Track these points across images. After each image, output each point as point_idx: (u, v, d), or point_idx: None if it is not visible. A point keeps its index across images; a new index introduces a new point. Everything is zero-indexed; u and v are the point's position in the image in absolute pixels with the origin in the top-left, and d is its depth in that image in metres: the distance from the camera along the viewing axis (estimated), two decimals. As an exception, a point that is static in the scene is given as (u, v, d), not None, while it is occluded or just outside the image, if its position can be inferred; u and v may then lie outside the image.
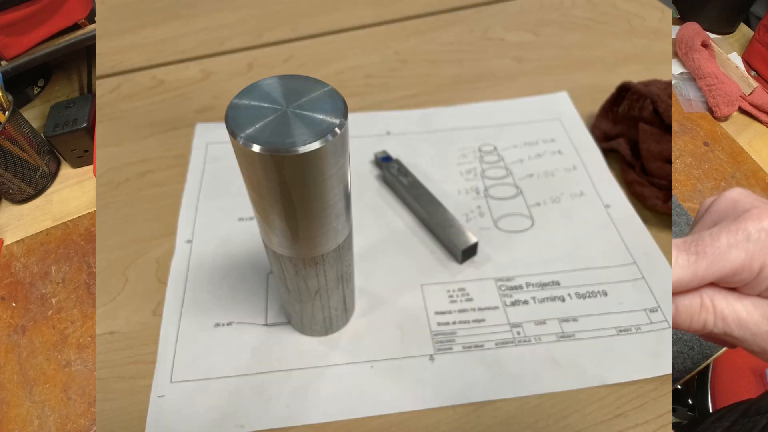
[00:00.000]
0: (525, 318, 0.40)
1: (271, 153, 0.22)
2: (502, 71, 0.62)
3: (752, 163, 0.78)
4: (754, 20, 1.06)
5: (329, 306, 0.35)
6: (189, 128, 0.55)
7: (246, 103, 0.24)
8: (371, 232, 0.46)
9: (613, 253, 0.44)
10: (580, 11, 0.71)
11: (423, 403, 0.36)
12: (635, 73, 0.61)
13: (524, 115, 0.56)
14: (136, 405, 0.36)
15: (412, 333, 0.39)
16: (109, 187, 0.50)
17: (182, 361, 0.38)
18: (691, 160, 0.76)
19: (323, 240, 0.29)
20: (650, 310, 0.40)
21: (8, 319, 0.53)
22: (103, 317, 0.40)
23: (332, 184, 0.25)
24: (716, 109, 0.84)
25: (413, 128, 0.55)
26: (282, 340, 0.39)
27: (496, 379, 0.37)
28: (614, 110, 0.54)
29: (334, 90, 0.25)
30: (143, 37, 0.68)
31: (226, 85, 0.60)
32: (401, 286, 0.42)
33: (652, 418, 0.35)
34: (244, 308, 0.40)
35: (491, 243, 0.45)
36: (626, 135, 0.52)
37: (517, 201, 0.48)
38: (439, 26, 0.69)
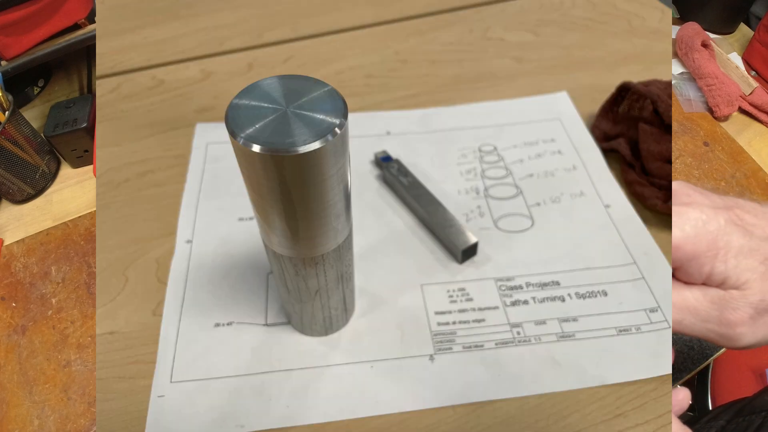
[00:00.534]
0: (525, 318, 0.40)
1: (271, 153, 0.22)
2: (502, 71, 0.62)
3: (752, 163, 0.78)
4: (754, 20, 1.06)
5: (329, 306, 0.35)
6: (189, 128, 0.55)
7: (246, 103, 0.24)
8: (371, 232, 0.46)
9: (613, 253, 0.44)
10: (580, 11, 0.71)
11: (423, 403, 0.36)
12: (635, 73, 0.61)
13: (524, 115, 0.56)
14: (136, 405, 0.36)
15: (412, 333, 0.39)
16: (109, 187, 0.50)
17: (182, 361, 0.38)
18: (691, 160, 0.76)
19: (323, 240, 0.29)
20: (650, 310, 0.40)
21: (8, 319, 0.53)
22: (103, 317, 0.40)
23: (332, 184, 0.25)
24: (716, 109, 0.84)
25: (413, 128, 0.55)
26: (282, 340, 0.39)
27: (496, 379, 0.37)
28: (614, 110, 0.54)
29: (334, 90, 0.25)
30: (143, 37, 0.68)
31: (226, 85, 0.60)
32: (401, 286, 0.42)
33: (652, 418, 0.35)
34: (244, 308, 0.40)
35: (491, 243, 0.45)
36: (626, 135, 0.52)
37: (517, 201, 0.48)
38: (439, 26, 0.69)
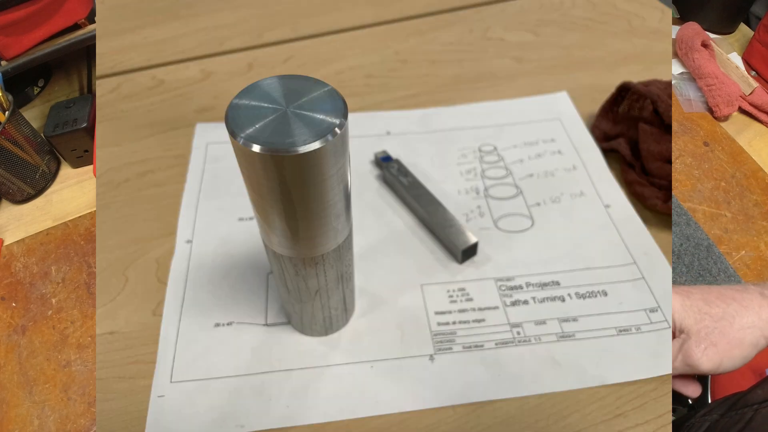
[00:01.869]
0: (525, 318, 0.40)
1: (271, 153, 0.22)
2: (502, 71, 0.62)
3: (752, 163, 0.78)
4: (754, 20, 1.06)
5: (329, 306, 0.35)
6: (189, 128, 0.55)
7: (246, 103, 0.24)
8: (371, 232, 0.46)
9: (613, 253, 0.44)
10: (580, 11, 0.71)
11: (423, 403, 0.36)
12: (635, 73, 0.61)
13: (524, 115, 0.56)
14: (136, 405, 0.36)
15: (412, 333, 0.39)
16: (109, 187, 0.50)
17: (182, 361, 0.38)
18: (691, 160, 0.76)
19: (323, 240, 0.29)
20: (650, 310, 0.40)
21: (8, 319, 0.53)
22: (103, 317, 0.40)
23: (332, 184, 0.25)
24: (716, 109, 0.84)
25: (413, 128, 0.55)
26: (282, 340, 0.39)
27: (496, 379, 0.37)
28: (614, 110, 0.54)
29: (334, 90, 0.25)
30: (143, 37, 0.68)
31: (226, 85, 0.60)
32: (401, 286, 0.42)
33: (652, 418, 0.35)
34: (244, 308, 0.40)
35: (491, 243, 0.45)
36: (626, 135, 0.52)
37: (517, 201, 0.48)
38: (439, 26, 0.69)
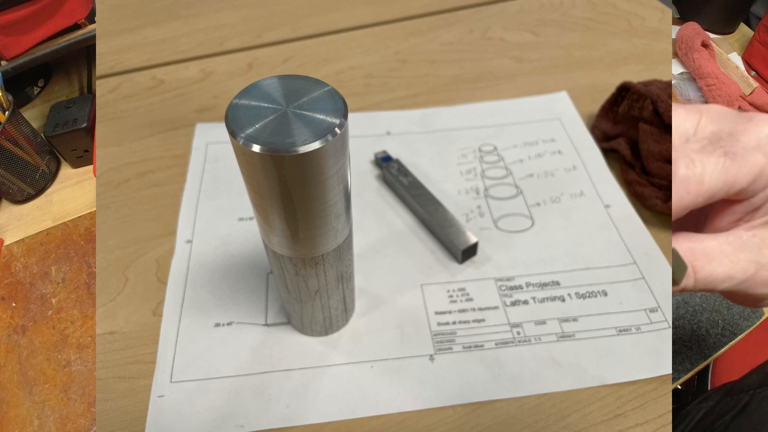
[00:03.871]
0: (525, 318, 0.40)
1: (271, 153, 0.22)
2: (501, 71, 0.62)
3: (752, 163, 0.78)
4: (754, 20, 1.06)
5: (329, 306, 0.35)
6: (189, 128, 0.55)
7: (246, 103, 0.24)
8: (371, 232, 0.46)
9: (613, 252, 0.44)
10: (580, 11, 0.71)
11: (423, 403, 0.36)
12: (635, 73, 0.61)
13: (524, 115, 0.56)
14: (136, 405, 0.36)
15: (412, 333, 0.39)
16: (109, 187, 0.50)
17: (182, 361, 0.38)
18: (691, 160, 0.76)
19: (323, 240, 0.29)
20: (650, 310, 0.40)
21: (8, 319, 0.53)
22: (103, 317, 0.40)
23: (332, 184, 0.25)
24: (716, 109, 0.84)
25: (413, 128, 0.55)
26: (282, 340, 0.39)
27: (496, 379, 0.37)
28: (614, 110, 0.54)
29: (334, 90, 0.25)
30: (143, 37, 0.68)
31: (226, 85, 0.60)
32: (401, 286, 0.42)
33: (652, 418, 0.35)
34: (244, 308, 0.40)
35: (491, 243, 0.45)
36: (626, 135, 0.52)
37: (517, 201, 0.48)
38: (439, 26, 0.69)
